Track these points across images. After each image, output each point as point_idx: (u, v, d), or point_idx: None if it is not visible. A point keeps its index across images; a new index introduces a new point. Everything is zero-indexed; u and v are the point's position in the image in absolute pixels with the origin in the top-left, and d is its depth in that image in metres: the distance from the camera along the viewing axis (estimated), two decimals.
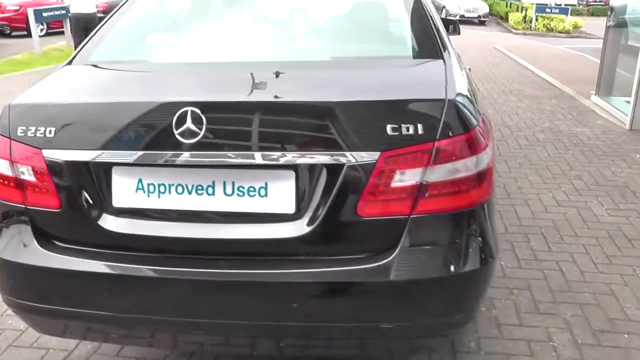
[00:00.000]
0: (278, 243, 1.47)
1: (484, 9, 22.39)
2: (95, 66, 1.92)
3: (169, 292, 1.53)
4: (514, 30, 19.31)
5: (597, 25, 21.95)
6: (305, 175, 1.45)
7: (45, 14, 11.74)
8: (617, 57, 5.96)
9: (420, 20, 1.97)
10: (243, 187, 1.47)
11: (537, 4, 22.56)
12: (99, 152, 1.51)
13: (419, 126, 1.40)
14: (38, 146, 1.53)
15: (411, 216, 1.43)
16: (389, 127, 1.40)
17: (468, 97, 1.54)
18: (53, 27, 14.47)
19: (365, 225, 1.44)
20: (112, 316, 1.59)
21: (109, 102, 1.59)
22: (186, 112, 1.42)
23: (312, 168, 1.44)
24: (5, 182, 1.62)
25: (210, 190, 1.49)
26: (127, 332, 1.69)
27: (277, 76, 1.70)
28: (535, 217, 3.22)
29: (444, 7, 21.20)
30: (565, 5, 26.64)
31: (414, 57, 1.84)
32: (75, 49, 8.52)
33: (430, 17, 1.97)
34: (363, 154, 1.40)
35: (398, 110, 1.45)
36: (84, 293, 1.60)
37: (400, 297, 1.47)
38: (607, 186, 3.71)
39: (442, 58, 1.76)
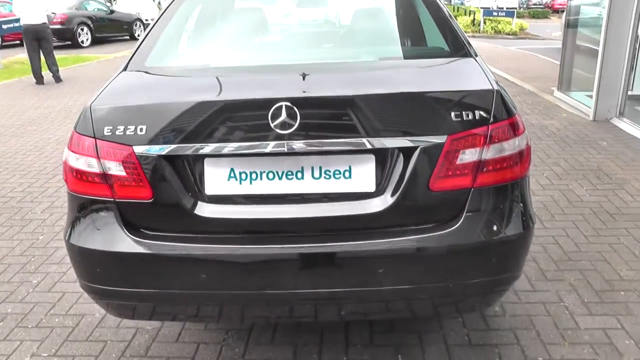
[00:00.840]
0: (361, 218, 1.70)
1: None
2: (157, 71, 2.05)
3: (266, 269, 1.72)
4: None
5: (539, 26, 23.32)
6: (383, 158, 1.69)
7: (4, 27, 11.46)
8: (575, 56, 6.51)
9: (445, 23, 2.24)
10: (329, 171, 1.69)
11: (483, 8, 23.55)
12: (191, 145, 1.68)
13: (477, 112, 1.68)
14: (129, 143, 1.69)
15: (472, 189, 1.71)
16: (452, 114, 1.67)
17: (503, 88, 1.84)
18: (7, 40, 14.18)
19: (436, 198, 1.70)
20: (206, 294, 1.77)
21: (200, 100, 1.72)
22: (281, 106, 1.62)
23: (389, 151, 1.68)
24: (90, 179, 1.76)
25: (299, 175, 1.70)
26: (218, 308, 1.85)
27: (347, 74, 1.94)
28: None
29: None
30: (508, 8, 28.00)
31: (451, 55, 2.09)
32: (29, 60, 8.37)
33: (451, 19, 2.26)
34: (433, 137, 1.66)
35: (458, 99, 1.72)
36: (178, 275, 1.75)
37: (466, 258, 1.73)
38: (583, 170, 4.15)
39: (472, 56, 2.05)
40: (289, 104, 1.63)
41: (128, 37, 17.21)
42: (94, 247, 1.77)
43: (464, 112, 1.68)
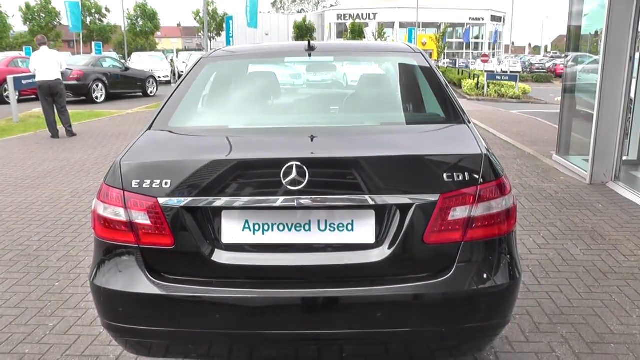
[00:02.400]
0: (362, 267, 1.88)
1: None
2: (179, 131, 2.28)
3: (275, 311, 1.88)
4: (468, 97, 20.50)
5: (542, 90, 24.01)
6: (382, 213, 1.89)
7: (24, 82, 12.01)
8: (572, 120, 6.82)
9: (441, 91, 2.49)
10: (334, 224, 1.90)
11: (487, 72, 24.28)
12: (210, 198, 1.88)
13: (466, 174, 1.89)
14: (154, 195, 1.90)
15: (463, 242, 1.89)
16: (445, 175, 1.88)
17: (492, 152, 2.06)
18: (23, 94, 14.79)
19: (430, 250, 1.88)
20: (219, 333, 1.93)
21: (218, 158, 1.96)
22: (292, 166, 1.84)
23: (387, 207, 1.88)
24: (118, 227, 1.95)
25: (307, 227, 1.90)
26: (229, 346, 2.00)
27: (350, 137, 2.18)
28: (523, 258, 3.73)
29: None
30: (512, 72, 28.91)
31: (446, 122, 2.32)
32: (44, 114, 8.66)
33: (447, 89, 2.51)
34: (427, 195, 1.86)
35: (450, 162, 1.93)
36: (194, 315, 1.92)
37: (458, 306, 1.89)
38: (578, 231, 4.30)
39: (465, 122, 2.28)
40: (299, 163, 1.84)
41: (141, 94, 17.72)
42: (117, 288, 1.95)
43: (455, 174, 1.88)
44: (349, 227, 1.90)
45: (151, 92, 17.93)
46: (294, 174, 1.84)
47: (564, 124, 6.92)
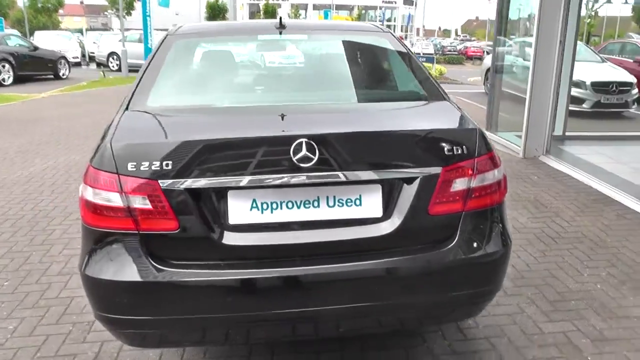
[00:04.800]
0: (370, 241, 1.91)
1: None
2: (163, 111, 2.18)
3: (287, 290, 1.87)
4: None
5: (455, 72, 25.16)
6: (388, 187, 1.92)
7: None
8: (501, 100, 7.23)
9: (417, 69, 2.58)
10: (342, 199, 1.90)
11: None
12: (216, 179, 1.82)
13: (464, 148, 1.97)
14: (154, 178, 1.80)
15: (463, 212, 1.98)
16: (445, 149, 1.95)
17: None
18: None
19: (434, 221, 1.95)
20: (231, 316, 1.88)
21: (224, 137, 1.89)
22: (302, 142, 1.82)
23: (393, 181, 1.92)
24: (113, 213, 1.83)
25: (316, 203, 1.89)
26: (242, 329, 1.96)
27: (348, 114, 2.19)
28: None
29: None
30: (425, 54, 29.97)
31: (428, 99, 2.39)
32: None
33: (422, 66, 2.60)
34: (430, 169, 1.92)
35: (449, 136, 2.00)
36: (204, 300, 1.86)
37: (460, 273, 1.98)
38: (522, 201, 4.61)
39: (446, 99, 2.37)
40: (308, 140, 1.83)
41: (52, 76, 16.40)
42: (117, 278, 1.84)
43: (454, 147, 1.96)
44: (357, 202, 1.91)
45: (63, 75, 16.67)
46: (304, 151, 1.82)
47: (494, 103, 7.32)
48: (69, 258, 3.52)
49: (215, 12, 47.20)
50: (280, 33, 2.73)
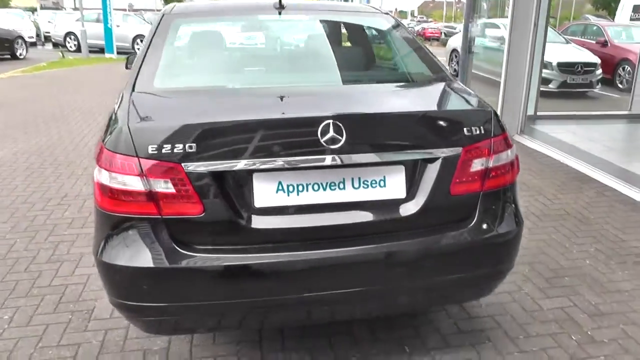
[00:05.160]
0: (395, 221, 1.92)
1: None
2: (174, 92, 2.14)
3: (315, 272, 1.86)
4: None
5: None
6: (411, 168, 1.93)
7: None
8: (472, 82, 7.33)
9: (421, 50, 2.59)
10: (367, 181, 1.90)
11: None
12: (241, 161, 1.78)
13: (482, 128, 2.00)
14: (177, 161, 1.75)
15: (482, 192, 2.01)
16: (465, 129, 1.97)
17: None
18: None
19: (455, 201, 1.97)
20: (255, 301, 1.86)
21: (249, 118, 1.85)
22: (329, 123, 1.80)
23: (416, 162, 1.93)
24: (133, 197, 1.77)
25: (341, 185, 1.88)
26: (269, 313, 1.94)
27: (367, 95, 2.18)
28: None
29: None
30: None
31: (438, 80, 2.40)
32: None
33: (425, 46, 2.61)
34: (451, 149, 1.94)
35: (467, 117, 2.03)
36: (231, 285, 1.83)
37: (480, 251, 2.02)
38: None
39: (453, 79, 2.40)
40: (336, 121, 1.81)
41: (9, 56, 15.69)
42: (139, 264, 1.79)
43: (473, 128, 1.98)
44: (382, 183, 1.91)
45: (21, 55, 15.95)
46: (331, 132, 1.80)
47: (465, 84, 7.40)
48: (56, 245, 3.41)
49: None
50: (280, 13, 2.69)
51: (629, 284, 2.98)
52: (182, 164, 1.76)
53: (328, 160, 1.82)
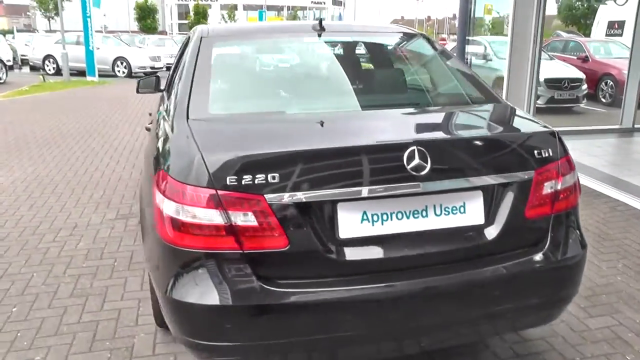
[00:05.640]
0: (476, 247, 1.89)
1: None
2: (236, 118, 2.09)
3: (403, 303, 1.79)
4: None
5: None
6: (489, 193, 1.90)
7: None
8: None
9: (465, 71, 2.60)
10: (448, 207, 1.86)
11: None
12: (326, 191, 1.71)
13: (550, 151, 1.99)
14: (259, 192, 1.67)
15: (552, 215, 2.00)
16: (535, 152, 1.96)
17: None
18: None
19: (530, 224, 1.95)
20: (339, 336, 1.78)
21: (333, 146, 1.80)
22: (414, 150, 1.75)
23: (492, 187, 1.90)
24: (209, 232, 1.68)
25: (424, 213, 1.83)
26: (351, 346, 1.85)
27: (437, 119, 2.18)
28: None
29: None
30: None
31: (489, 101, 2.41)
32: None
33: (467, 67, 2.62)
34: (525, 173, 1.92)
35: (536, 140, 2.02)
36: (317, 320, 1.75)
37: (552, 276, 2.00)
38: None
39: (502, 101, 2.41)
40: (421, 147, 1.77)
41: None
42: (222, 302, 1.69)
43: (542, 151, 1.98)
44: (462, 209, 1.88)
45: (0, 78, 15.60)
46: (417, 159, 1.75)
47: None
48: (77, 278, 3.27)
49: (145, 13, 45.98)
50: (319, 35, 2.67)
51: None
52: (265, 195, 1.68)
53: (414, 188, 1.77)
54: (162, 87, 4.28)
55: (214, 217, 1.68)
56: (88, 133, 8.00)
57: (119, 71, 18.97)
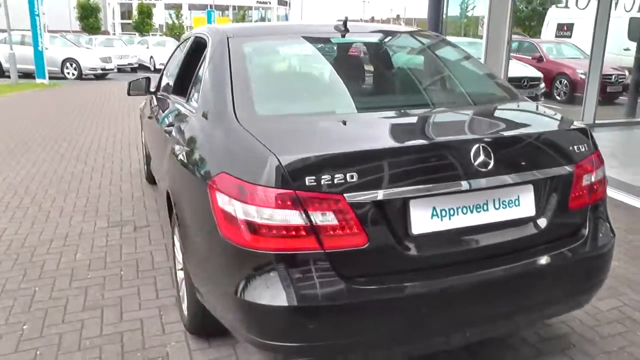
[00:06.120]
0: (529, 239, 2.00)
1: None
2: (289, 119, 2.10)
3: (473, 293, 1.87)
4: None
5: None
6: (538, 186, 2.01)
7: None
8: None
9: (486, 70, 2.70)
10: (505, 201, 1.96)
11: None
12: (400, 189, 1.77)
13: (585, 145, 2.13)
14: (339, 192, 1.70)
15: (590, 205, 2.13)
16: (575, 147, 2.08)
17: None
18: None
19: (572, 215, 2.09)
20: (415, 330, 1.84)
21: (405, 145, 1.89)
22: (479, 147, 1.84)
23: (541, 180, 2.01)
24: (288, 232, 1.69)
25: (485, 207, 1.92)
26: (435, 338, 1.93)
27: (484, 117, 2.30)
28: None
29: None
30: None
31: (514, 99, 2.55)
32: None
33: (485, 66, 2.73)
34: (567, 166, 2.05)
35: (572, 135, 2.16)
36: (395, 315, 1.80)
37: (591, 264, 2.13)
38: None
39: (524, 98, 2.54)
40: (485, 144, 1.86)
41: None
42: (303, 303, 1.71)
43: (580, 145, 2.11)
44: (516, 202, 1.98)
45: None
46: (482, 156, 1.84)
47: None
48: (85, 290, 3.15)
49: (87, 12, 44.40)
50: (343, 35, 2.71)
51: None
52: (344, 195, 1.71)
53: (480, 183, 1.86)
54: (151, 89, 4.18)
55: (294, 218, 1.69)
56: (53, 139, 7.67)
57: (68, 73, 18.23)
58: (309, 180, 1.69)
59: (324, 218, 1.70)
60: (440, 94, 2.58)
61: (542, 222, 2.02)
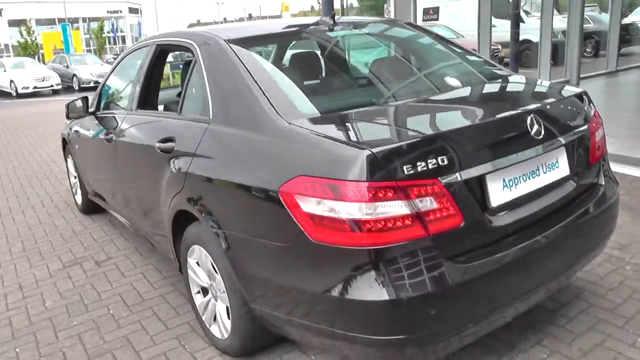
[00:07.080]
0: (570, 196, 2.21)
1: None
2: (350, 114, 2.15)
3: (546, 252, 2.02)
4: None
5: None
6: (569, 148, 2.23)
7: None
8: None
9: (466, 50, 2.92)
10: (549, 164, 2.15)
11: None
12: (480, 166, 1.88)
13: (590, 107, 2.43)
14: (435, 176, 1.75)
15: (600, 160, 2.41)
16: (585, 109, 2.38)
17: None
18: None
19: (593, 170, 2.35)
20: (510, 296, 1.96)
21: (476, 124, 2.03)
22: (532, 117, 2.03)
23: (570, 142, 2.23)
24: (397, 223, 1.70)
25: (537, 172, 2.10)
26: (521, 304, 2.05)
27: (516, 90, 2.57)
28: None
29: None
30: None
31: (508, 74, 2.81)
32: None
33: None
34: (584, 127, 2.30)
35: (578, 99, 2.42)
36: (491, 289, 1.89)
37: (610, 212, 2.38)
38: None
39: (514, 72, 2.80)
40: (535, 114, 2.06)
41: None
42: (421, 292, 1.71)
43: (585, 108, 2.40)
44: (556, 164, 2.19)
45: None
46: (536, 125, 2.03)
47: None
48: (78, 340, 2.84)
49: None
50: (332, 30, 2.75)
51: None
52: (439, 178, 1.76)
53: (537, 150, 2.05)
54: (91, 110, 3.83)
55: (398, 208, 1.70)
56: None
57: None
58: (406, 168, 1.71)
59: (425, 204, 1.74)
60: (460, 75, 2.71)
61: (575, 180, 2.26)
